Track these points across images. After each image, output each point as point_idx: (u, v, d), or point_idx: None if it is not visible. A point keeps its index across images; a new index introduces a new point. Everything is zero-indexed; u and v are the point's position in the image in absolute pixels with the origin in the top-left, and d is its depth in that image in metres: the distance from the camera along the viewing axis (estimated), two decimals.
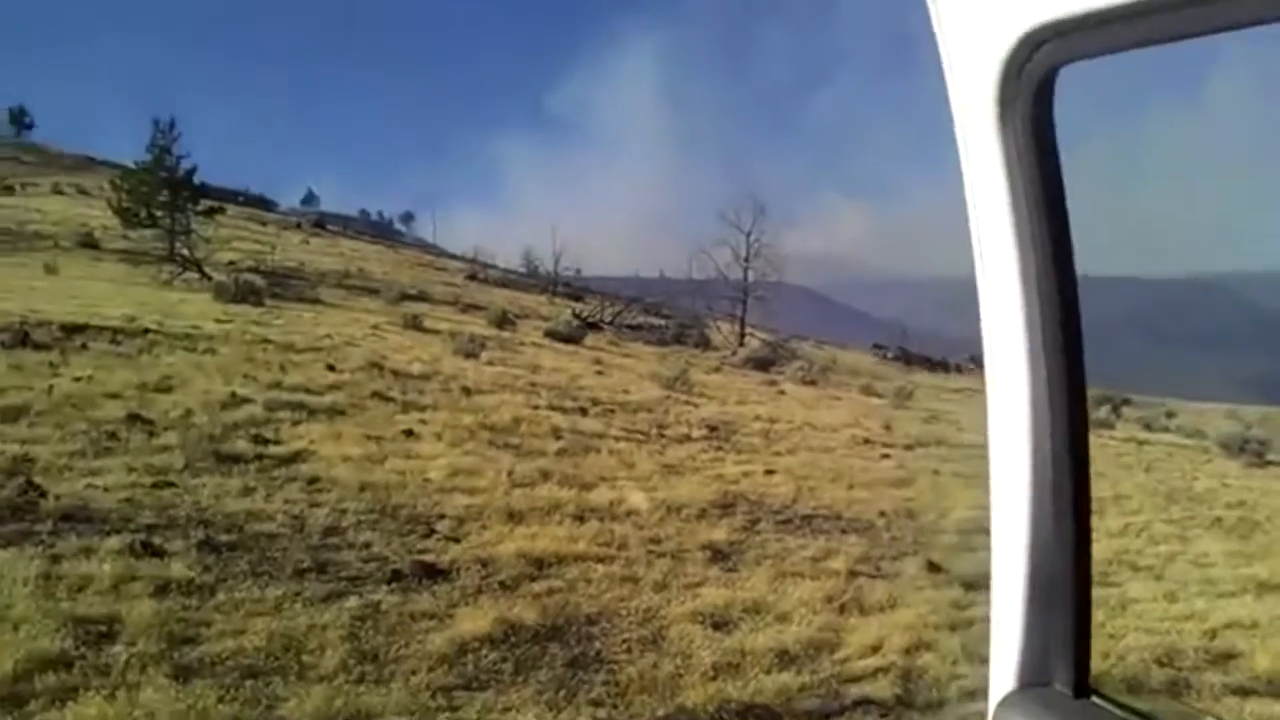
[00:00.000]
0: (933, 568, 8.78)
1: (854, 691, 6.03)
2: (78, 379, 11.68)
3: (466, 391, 15.14)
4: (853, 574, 8.45)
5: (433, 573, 7.36)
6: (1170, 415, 30.17)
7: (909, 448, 16.51)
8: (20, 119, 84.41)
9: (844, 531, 10.00)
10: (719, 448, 14.26)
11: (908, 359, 48.94)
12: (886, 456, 15.22)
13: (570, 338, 28.71)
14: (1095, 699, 1.28)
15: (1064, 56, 1.10)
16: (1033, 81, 1.14)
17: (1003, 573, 1.32)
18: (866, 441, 16.59)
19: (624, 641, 6.51)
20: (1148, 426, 25.47)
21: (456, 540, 8.26)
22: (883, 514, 10.90)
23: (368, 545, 7.88)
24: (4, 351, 12.48)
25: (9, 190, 52.92)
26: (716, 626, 6.85)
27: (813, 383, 28.57)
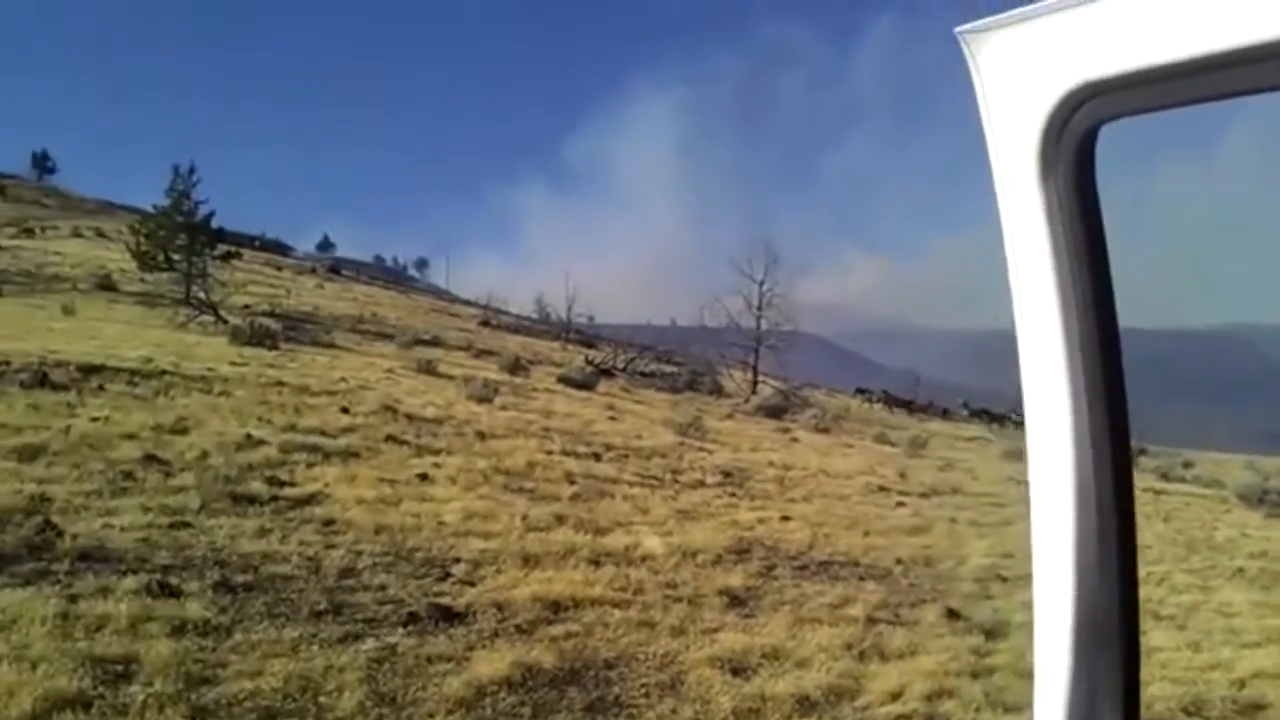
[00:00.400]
0: (952, 615, 8.69)
1: None
2: (95, 419, 11.71)
3: (480, 436, 15.13)
4: (871, 620, 8.37)
5: (449, 615, 7.30)
6: (1187, 465, 29.91)
7: (924, 495, 16.42)
8: (43, 163, 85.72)
9: (861, 578, 9.92)
10: (733, 494, 14.20)
11: (889, 403, 48.90)
12: (902, 504, 15.12)
13: (583, 384, 28.72)
14: None
15: (1107, 114, 1.12)
16: (1075, 139, 1.15)
17: (1047, 617, 1.30)
18: (881, 489, 16.50)
19: (642, 686, 6.45)
20: (1165, 476, 25.24)
21: (472, 584, 8.21)
22: (900, 561, 10.82)
23: (383, 588, 7.84)
24: (22, 391, 12.54)
25: (30, 233, 53.58)
26: (735, 672, 6.77)
27: (826, 430, 28.49)
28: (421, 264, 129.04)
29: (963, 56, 1.21)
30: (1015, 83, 1.16)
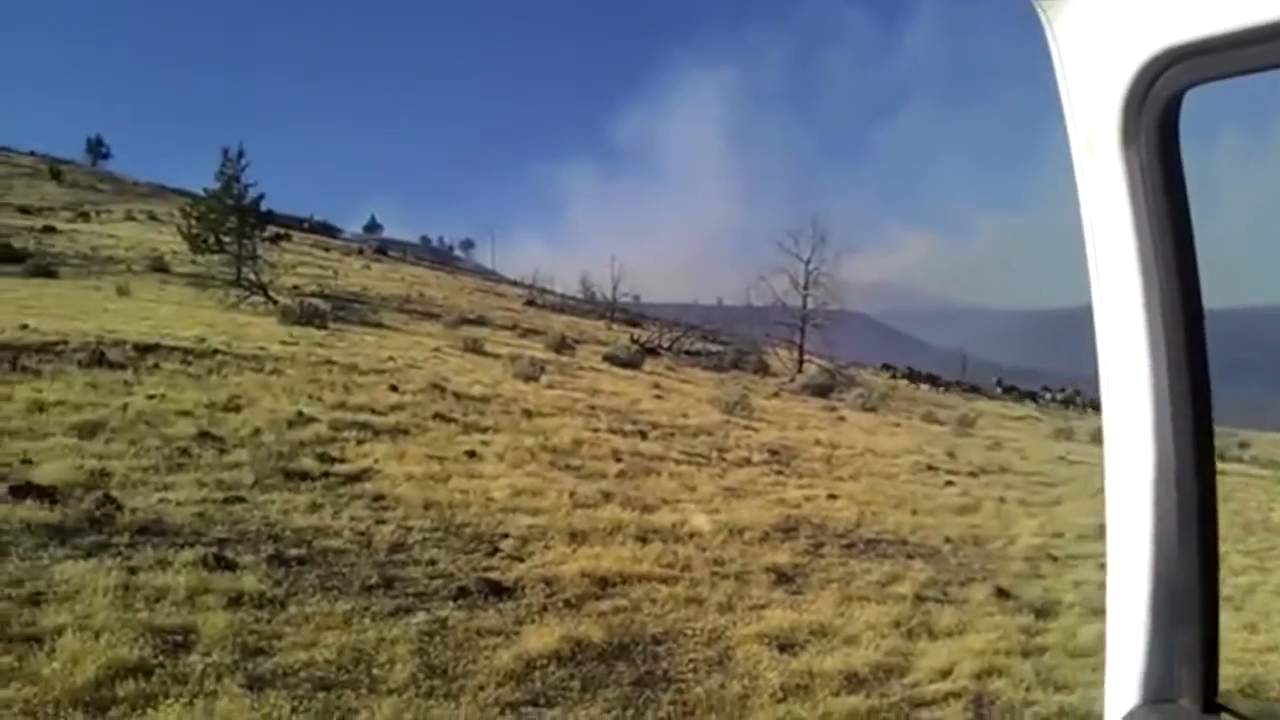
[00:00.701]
0: (1001, 594, 8.62)
1: (925, 716, 5.92)
2: (151, 397, 11.94)
3: (527, 414, 15.23)
4: (919, 598, 8.33)
5: (498, 590, 7.38)
6: (1243, 446, 29.34)
7: (973, 474, 16.29)
8: (97, 148, 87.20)
9: (909, 557, 9.86)
10: (780, 472, 14.16)
11: (913, 378, 48.46)
12: (950, 483, 15.00)
13: (629, 363, 28.76)
14: (1225, 715, 1.25)
15: (1191, 79, 1.09)
16: (1158, 106, 1.12)
17: (1122, 587, 1.28)
18: (929, 468, 16.38)
19: (690, 661, 6.47)
20: (1221, 456, 24.71)
21: (521, 559, 8.28)
22: (948, 540, 10.74)
23: (433, 562, 7.93)
24: (81, 370, 12.82)
25: (85, 217, 54.61)
26: (783, 648, 6.78)
27: (873, 409, 28.29)
28: (467, 244, 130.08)
29: (1035, 26, 1.19)
30: (1095, 50, 1.14)
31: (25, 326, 15.21)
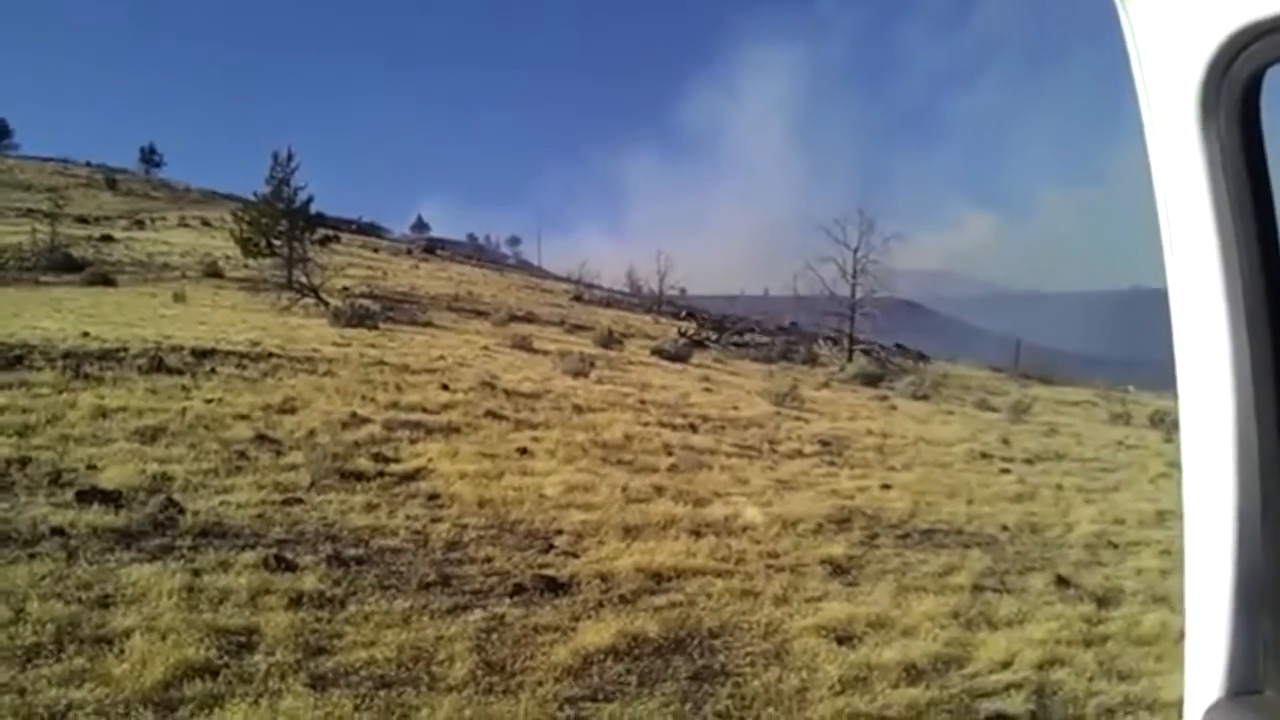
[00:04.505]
0: (1062, 582, 8.49)
1: (987, 707, 5.86)
2: (208, 401, 12.17)
3: (577, 409, 15.28)
4: (978, 589, 8.23)
5: (554, 586, 7.42)
6: None
7: (1029, 462, 16.05)
8: (150, 157, 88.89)
9: (966, 546, 9.75)
10: (832, 463, 14.08)
11: (921, 358, 47.17)
12: (1006, 471, 14.80)
13: (677, 356, 28.76)
14: None
15: (1273, 57, 1.06)
16: (1238, 85, 1.10)
17: (1202, 576, 1.26)
18: (984, 456, 16.17)
19: (747, 655, 6.46)
20: None
21: (575, 555, 8.32)
22: (1005, 528, 10.61)
23: (489, 560, 8.00)
24: (141, 376, 13.09)
25: (140, 225, 55.79)
26: (840, 641, 6.74)
27: (925, 397, 28.00)
28: (514, 241, 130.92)
29: (1104, 8, 1.17)
30: (1171, 28, 1.11)
31: (86, 334, 15.57)
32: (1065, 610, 7.72)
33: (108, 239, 44.74)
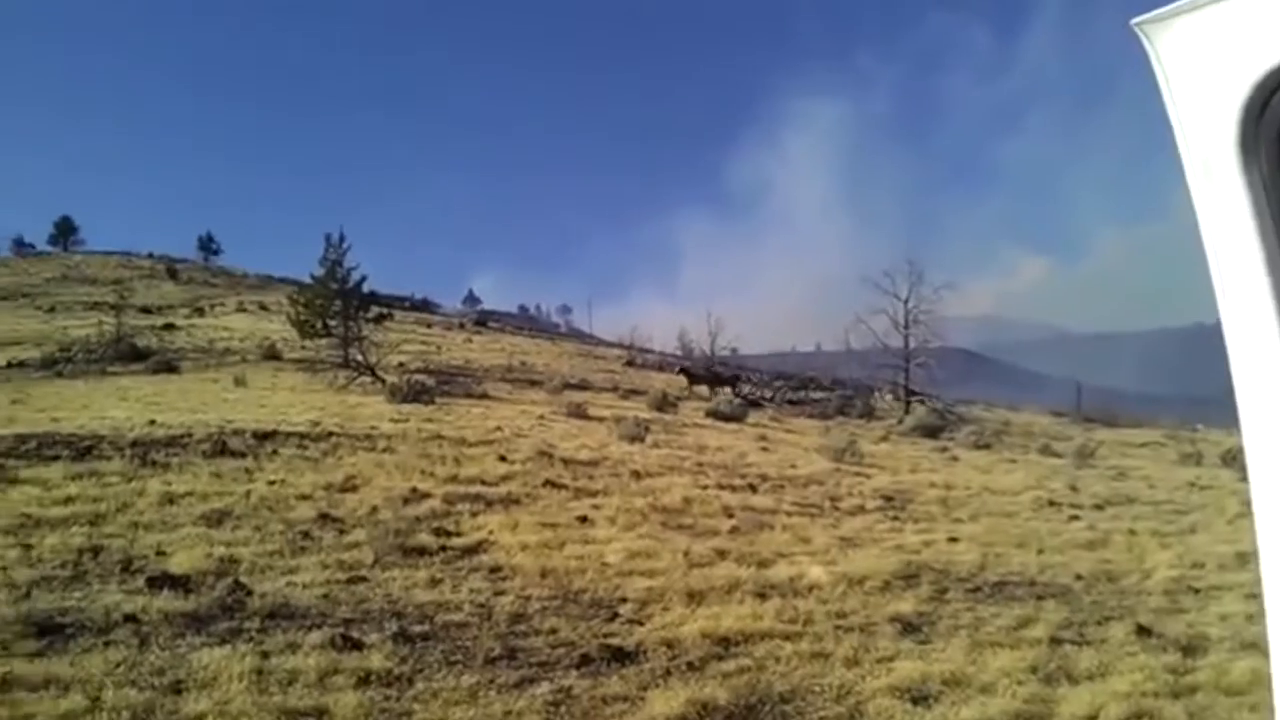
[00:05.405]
0: (1142, 631, 8.25)
1: None
2: (271, 483, 12.33)
3: (635, 475, 15.24)
4: (1055, 641, 8.02)
5: (620, 655, 7.35)
6: None
7: (1099, 507, 15.69)
8: (208, 245, 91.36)
9: (1039, 598, 9.52)
10: (895, 517, 13.87)
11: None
12: (1075, 518, 14.47)
13: (732, 416, 28.60)
14: None
15: None
16: (1274, 125, 1.10)
17: None
18: (1051, 503, 15.84)
19: (821, 718, 6.33)
20: None
21: (640, 623, 8.25)
22: (1079, 577, 10.34)
23: (554, 630, 7.95)
24: (205, 460, 13.32)
25: (200, 312, 57.15)
26: (916, 701, 6.59)
27: (986, 446, 27.54)
28: (565, 310, 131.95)
29: (1140, 49, 1.18)
30: (1204, 70, 1.12)
31: (153, 422, 15.89)
32: (1149, 660, 7.49)
33: (170, 327, 45.93)
